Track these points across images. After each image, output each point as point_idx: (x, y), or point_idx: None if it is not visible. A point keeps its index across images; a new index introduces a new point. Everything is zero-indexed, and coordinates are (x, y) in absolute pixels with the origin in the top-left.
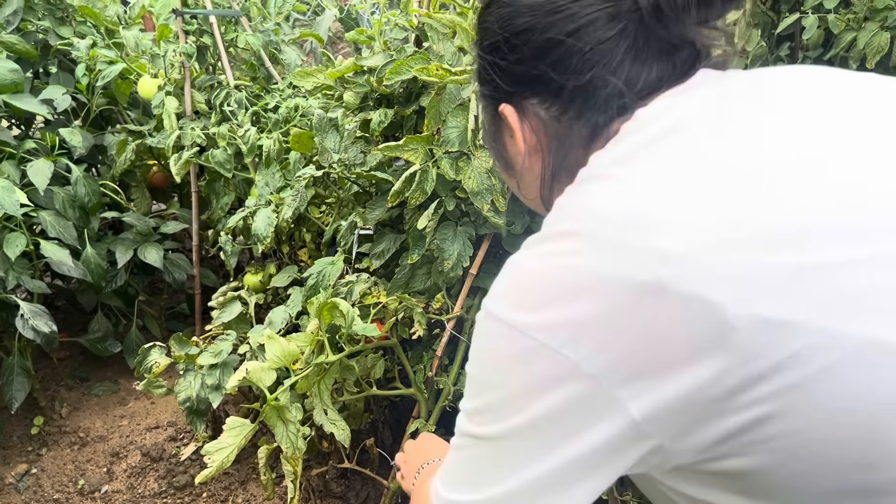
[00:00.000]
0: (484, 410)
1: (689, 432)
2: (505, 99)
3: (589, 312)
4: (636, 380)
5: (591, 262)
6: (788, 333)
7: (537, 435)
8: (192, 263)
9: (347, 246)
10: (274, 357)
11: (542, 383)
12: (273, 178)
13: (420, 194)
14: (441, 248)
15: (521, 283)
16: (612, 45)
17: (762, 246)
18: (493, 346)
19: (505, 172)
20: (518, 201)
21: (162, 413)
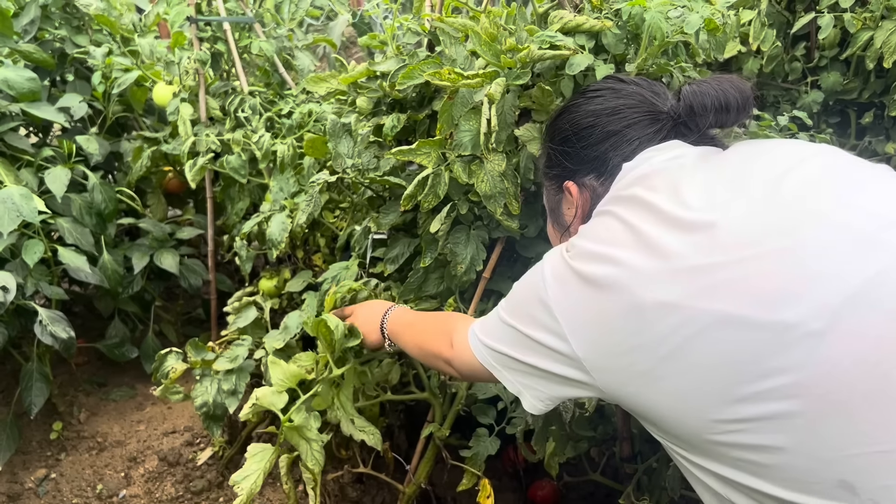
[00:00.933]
0: (510, 303)
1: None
2: (569, 177)
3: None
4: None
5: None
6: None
7: (526, 344)
8: (207, 269)
9: (362, 250)
10: (279, 380)
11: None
12: (287, 184)
13: (432, 198)
14: (454, 251)
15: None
16: (650, 136)
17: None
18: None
19: (554, 229)
20: (531, 205)
21: (179, 418)
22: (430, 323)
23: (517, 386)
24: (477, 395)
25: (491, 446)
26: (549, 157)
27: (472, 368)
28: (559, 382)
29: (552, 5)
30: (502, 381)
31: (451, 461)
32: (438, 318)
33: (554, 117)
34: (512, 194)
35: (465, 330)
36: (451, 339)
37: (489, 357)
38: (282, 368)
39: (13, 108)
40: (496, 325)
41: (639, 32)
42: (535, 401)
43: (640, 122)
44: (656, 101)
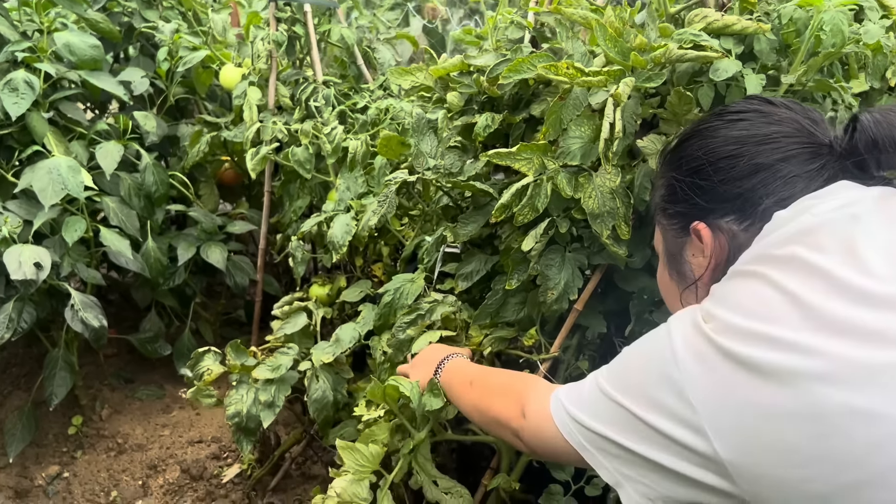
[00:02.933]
0: (619, 375)
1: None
2: (699, 217)
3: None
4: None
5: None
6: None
7: (641, 431)
8: (255, 268)
9: (430, 263)
10: (360, 467)
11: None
12: (355, 183)
13: (529, 211)
14: (546, 275)
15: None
16: (811, 174)
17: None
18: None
19: (671, 279)
20: (638, 231)
21: (207, 426)
22: (495, 382)
23: (616, 476)
24: None
25: None
26: (673, 190)
27: (551, 446)
28: (682, 483)
29: (686, 6)
30: (595, 467)
31: None
32: (506, 376)
33: (679, 142)
34: (622, 216)
35: (543, 397)
36: (524, 406)
37: (580, 436)
38: (361, 453)
39: (72, 75)
40: (595, 398)
41: (791, 43)
42: (641, 498)
43: (797, 155)
44: (815, 130)
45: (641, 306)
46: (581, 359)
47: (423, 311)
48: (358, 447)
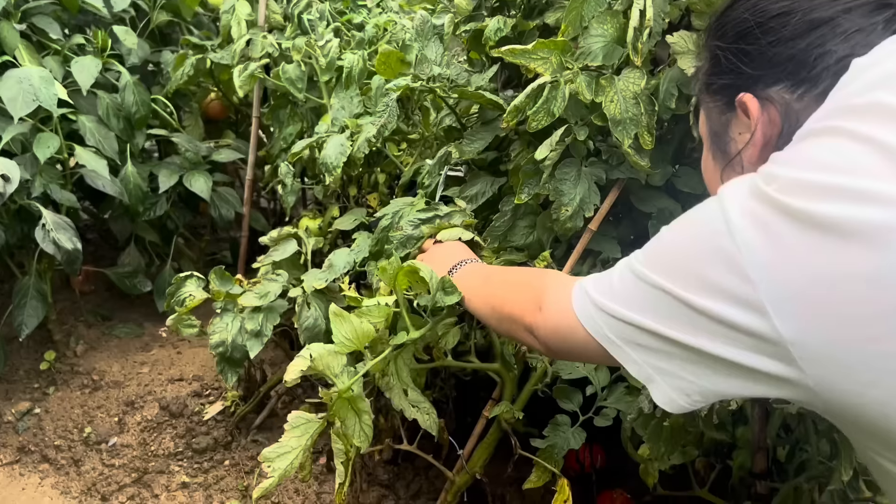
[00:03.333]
0: (660, 256)
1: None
2: (746, 87)
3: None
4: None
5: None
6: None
7: (686, 316)
8: (242, 201)
9: (431, 188)
10: (344, 339)
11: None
12: (351, 103)
13: (545, 116)
14: (560, 190)
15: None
16: (877, 29)
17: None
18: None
19: (714, 161)
20: (662, 146)
21: (188, 365)
22: (513, 277)
23: (647, 371)
24: (560, 374)
25: (574, 439)
26: (717, 61)
27: (571, 342)
28: (730, 373)
29: None
30: (623, 362)
31: (519, 451)
32: (525, 272)
33: (724, 7)
34: (645, 124)
35: (564, 288)
36: (541, 300)
37: (606, 328)
38: (352, 326)
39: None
40: (628, 284)
41: None
42: (676, 394)
43: (861, 5)
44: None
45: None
46: None
47: (442, 214)
48: (350, 318)
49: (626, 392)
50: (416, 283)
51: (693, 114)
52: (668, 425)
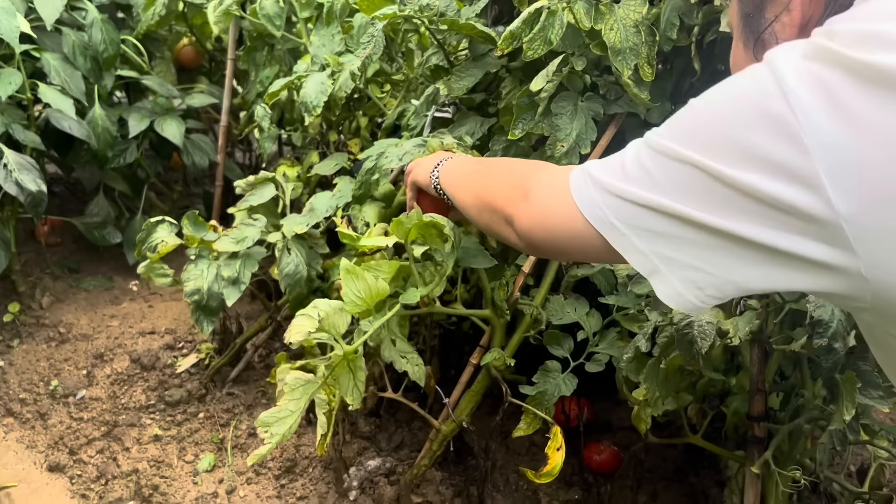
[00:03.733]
0: (691, 127)
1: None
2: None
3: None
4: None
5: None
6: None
7: (719, 195)
8: (216, 150)
9: (418, 129)
10: (358, 299)
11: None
12: (332, 41)
13: (541, 43)
14: (556, 125)
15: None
16: None
17: None
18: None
19: (745, 48)
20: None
21: (160, 318)
22: (500, 165)
23: (653, 262)
24: (551, 320)
25: (565, 385)
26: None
27: (560, 231)
28: (765, 262)
29: None
30: (624, 251)
31: (510, 398)
32: (515, 161)
33: None
34: (645, 55)
35: (559, 175)
36: (528, 187)
37: (610, 212)
38: (366, 284)
39: None
40: (644, 161)
41: None
42: (686, 287)
43: None
44: None
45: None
46: None
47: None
48: (365, 276)
49: (618, 337)
50: (432, 237)
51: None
52: (665, 367)
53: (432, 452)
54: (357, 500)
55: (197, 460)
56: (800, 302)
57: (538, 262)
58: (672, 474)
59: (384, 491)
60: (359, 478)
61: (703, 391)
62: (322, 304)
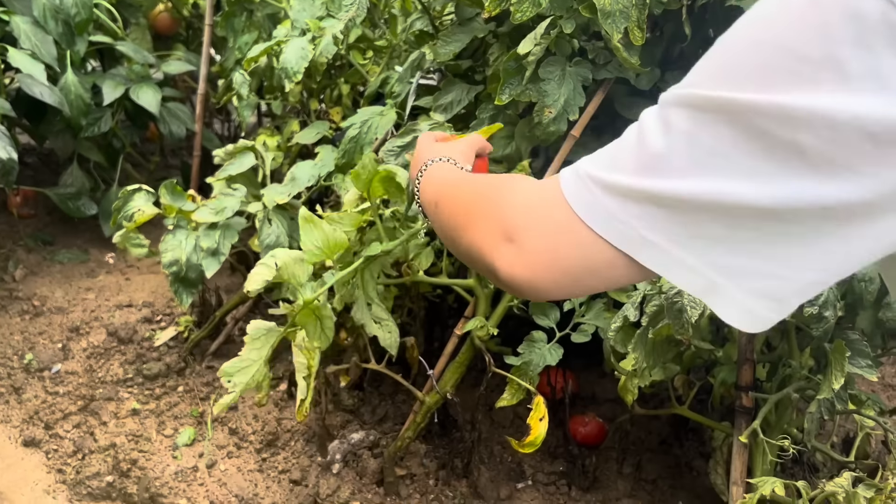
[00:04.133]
0: (722, 66)
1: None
2: None
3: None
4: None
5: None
6: None
7: (780, 147)
8: (193, 118)
9: (402, 97)
10: (314, 247)
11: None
12: (313, 5)
13: (530, 6)
14: (544, 90)
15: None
16: None
17: None
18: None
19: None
20: (650, 46)
21: (137, 291)
22: (464, 190)
23: (710, 276)
24: None
25: (549, 355)
26: None
27: (568, 270)
28: (872, 224)
29: None
30: (666, 270)
31: (493, 368)
32: (478, 183)
33: None
34: (636, 19)
35: (544, 193)
36: (506, 223)
37: (639, 223)
38: (323, 233)
39: None
40: (657, 134)
41: None
42: (760, 301)
43: None
44: None
45: None
46: None
47: (420, 133)
48: (321, 225)
49: (605, 308)
50: (392, 190)
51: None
52: (653, 337)
53: (416, 424)
54: (340, 473)
55: (176, 434)
56: None
57: None
58: (657, 446)
59: (367, 464)
60: (342, 451)
61: (690, 362)
62: (280, 254)
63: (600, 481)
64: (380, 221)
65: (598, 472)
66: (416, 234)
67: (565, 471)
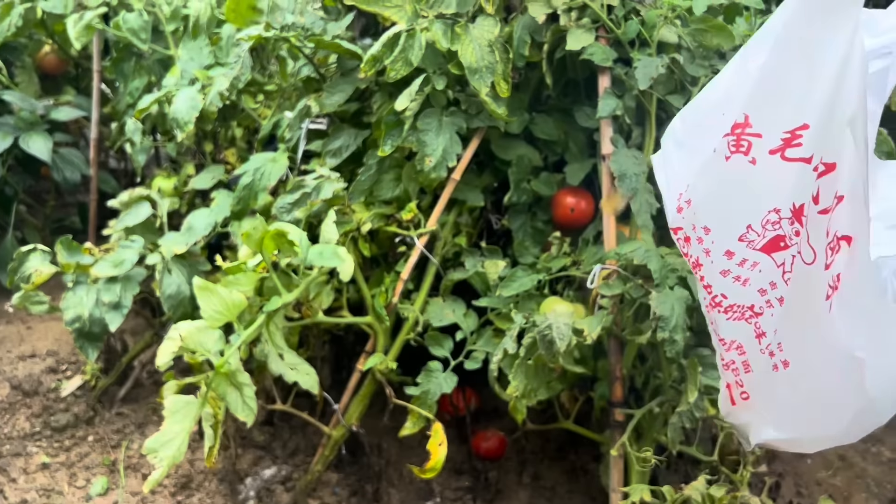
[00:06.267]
0: None
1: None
2: None
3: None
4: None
5: None
6: None
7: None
8: (88, 162)
9: (293, 142)
10: (216, 313)
11: None
12: (200, 54)
13: (402, 65)
14: (423, 140)
15: None
16: None
17: None
18: None
19: None
20: (518, 94)
21: (40, 340)
22: None
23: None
24: (431, 323)
25: (445, 383)
26: None
27: None
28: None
29: None
30: None
31: (394, 400)
32: None
33: None
34: (501, 72)
35: None
36: None
37: None
38: (220, 298)
39: None
40: None
41: None
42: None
43: None
44: None
45: (520, 174)
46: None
47: (310, 189)
48: (217, 289)
49: (494, 335)
50: (284, 245)
51: (546, 60)
52: (533, 363)
53: (325, 457)
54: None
55: (89, 485)
56: (646, 297)
57: (417, 268)
58: (554, 453)
59: (281, 498)
60: (255, 487)
61: (574, 379)
62: (182, 326)
63: (503, 493)
64: (275, 275)
65: (500, 484)
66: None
67: (471, 485)
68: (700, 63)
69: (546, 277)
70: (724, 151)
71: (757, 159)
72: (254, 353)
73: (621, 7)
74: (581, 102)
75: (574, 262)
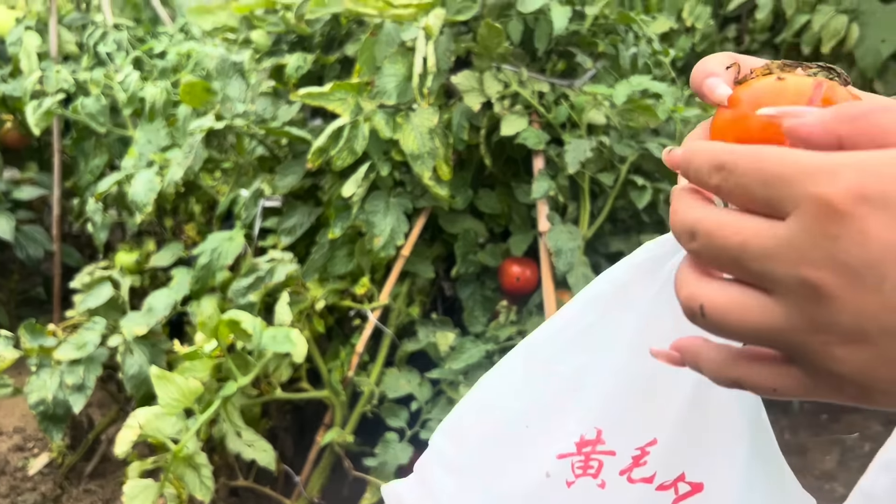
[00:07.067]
0: None
1: None
2: None
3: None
4: None
5: None
6: None
7: None
8: (51, 238)
9: (249, 220)
10: (173, 401)
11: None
12: (157, 136)
13: (348, 154)
14: (371, 222)
15: None
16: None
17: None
18: None
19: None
20: (460, 172)
21: (5, 417)
22: None
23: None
24: (387, 394)
25: (401, 454)
26: None
27: None
28: None
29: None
30: None
31: (353, 472)
32: None
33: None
34: (442, 156)
35: None
36: None
37: None
38: (177, 386)
39: None
40: None
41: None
42: None
43: None
44: None
45: (467, 247)
46: (412, 305)
47: (263, 273)
48: (173, 377)
49: (448, 403)
50: (238, 332)
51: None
52: None
53: None
54: None
55: None
56: None
57: (373, 338)
58: None
59: None
60: None
61: None
62: (140, 413)
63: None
64: (230, 359)
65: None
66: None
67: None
68: (627, 143)
69: (494, 347)
70: (564, 476)
71: (606, 482)
72: (213, 432)
73: (552, 92)
74: (521, 178)
75: (519, 331)
